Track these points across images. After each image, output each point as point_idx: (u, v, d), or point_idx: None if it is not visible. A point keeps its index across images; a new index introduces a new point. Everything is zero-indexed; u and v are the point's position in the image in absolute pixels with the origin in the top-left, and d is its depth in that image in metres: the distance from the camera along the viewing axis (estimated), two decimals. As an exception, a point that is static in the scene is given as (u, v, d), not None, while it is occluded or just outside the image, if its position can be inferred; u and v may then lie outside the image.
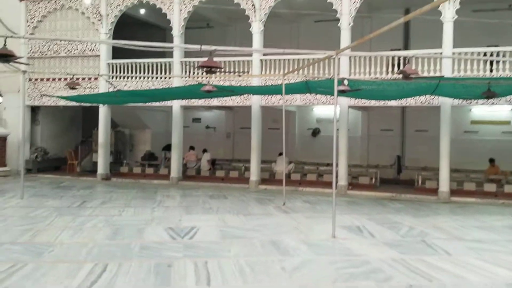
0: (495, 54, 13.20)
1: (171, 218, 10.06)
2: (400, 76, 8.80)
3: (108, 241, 7.83)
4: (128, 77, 16.93)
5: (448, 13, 13.34)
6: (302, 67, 13.27)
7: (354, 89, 11.05)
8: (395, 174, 17.78)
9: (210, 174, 17.31)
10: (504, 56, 13.13)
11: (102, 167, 17.67)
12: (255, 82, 15.59)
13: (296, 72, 13.97)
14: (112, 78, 17.25)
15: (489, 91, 10.45)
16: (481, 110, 17.67)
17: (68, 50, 17.98)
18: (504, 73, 13.05)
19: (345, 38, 14.52)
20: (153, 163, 19.13)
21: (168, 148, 18.16)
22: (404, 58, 13.91)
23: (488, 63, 13.32)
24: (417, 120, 18.59)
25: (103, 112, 17.72)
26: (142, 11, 19.12)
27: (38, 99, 18.31)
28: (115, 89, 15.80)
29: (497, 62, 13.05)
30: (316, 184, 15.59)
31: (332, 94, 10.49)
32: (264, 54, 15.68)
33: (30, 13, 18.40)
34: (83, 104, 17.38)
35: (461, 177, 15.50)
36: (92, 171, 18.15)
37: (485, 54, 13.26)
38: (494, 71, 13.21)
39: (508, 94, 12.37)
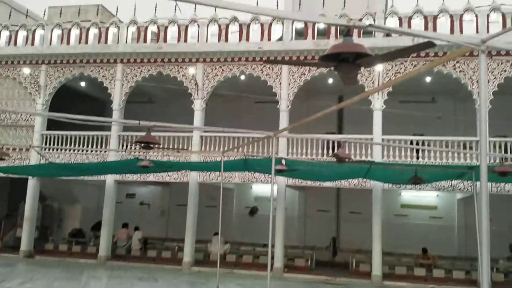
0: (420, 143, 14.15)
1: (94, 302, 9.31)
2: (334, 159, 9.13)
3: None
4: (62, 149, 16.35)
5: (377, 103, 14.33)
6: (242, 146, 13.50)
7: (291, 169, 11.30)
8: (330, 256, 17.78)
9: (142, 254, 16.50)
10: (429, 145, 14.10)
11: (25, 243, 16.41)
12: (194, 158, 15.57)
13: (235, 150, 14.14)
14: (46, 150, 16.57)
15: (416, 177, 11.04)
16: (410, 194, 18.49)
17: (1, 119, 17.25)
18: (430, 160, 13.93)
19: (284, 119, 15.09)
20: (81, 241, 18.00)
21: (98, 227, 17.17)
22: (338, 142, 14.55)
23: (414, 150, 14.21)
24: (352, 202, 19.06)
25: (32, 184, 16.78)
26: (83, 83, 18.96)
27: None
28: (47, 162, 15.13)
29: (423, 150, 13.97)
30: (252, 266, 15.23)
31: (270, 173, 10.63)
32: (205, 131, 15.84)
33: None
34: (11, 175, 16.42)
35: (393, 260, 15.76)
36: (15, 247, 16.79)
37: (411, 143, 14.18)
38: (420, 158, 14.08)
39: (434, 181, 13.13)
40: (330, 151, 14.67)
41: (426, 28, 14.54)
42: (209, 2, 3.87)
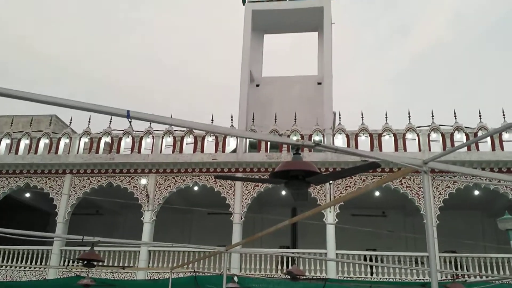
0: (374, 259, 14.08)
1: None
2: (288, 276, 8.80)
3: None
4: (-5, 265, 15.03)
5: (330, 217, 14.41)
6: (192, 261, 12.91)
7: (243, 287, 10.75)
8: None
9: None
10: (382, 261, 14.03)
11: None
12: (140, 275, 14.63)
13: (185, 266, 13.46)
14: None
15: (372, 294, 10.76)
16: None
17: None
18: (384, 277, 13.76)
19: (237, 232, 14.76)
20: None
21: None
22: (292, 257, 14.23)
23: (368, 266, 14.06)
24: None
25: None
26: (27, 194, 18.11)
27: None
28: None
29: (377, 266, 13.84)
30: None
31: (221, 292, 10.05)
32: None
33: None
34: None
35: None
36: None
37: (365, 258, 14.08)
38: (374, 274, 13.89)
39: (389, 298, 12.82)
40: (285, 266, 14.27)
41: (371, 144, 15.30)
42: (163, 120, 3.86)
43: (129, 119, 3.52)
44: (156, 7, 57.45)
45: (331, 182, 14.26)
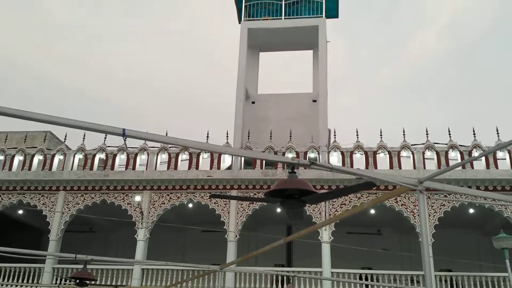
0: (369, 277, 13.97)
1: None
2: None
3: None
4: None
5: (325, 235, 14.33)
6: (186, 280, 12.77)
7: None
8: None
9: None
10: (377, 279, 13.93)
11: None
12: (134, 294, 14.45)
13: (179, 286, 13.31)
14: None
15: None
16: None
17: None
18: (379, 295, 13.63)
19: (231, 250, 14.64)
20: None
21: None
22: (288, 276, 14.10)
23: (364, 286, 13.93)
24: None
25: None
26: (20, 211, 17.94)
27: None
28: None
29: (372, 285, 13.72)
30: None
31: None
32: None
33: None
34: None
35: None
36: None
37: (360, 277, 13.97)
38: (370, 293, 13.76)
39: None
40: (280, 285, 14.14)
41: (367, 162, 15.32)
42: (158, 138, 3.86)
43: (124, 138, 3.52)
44: (151, 16, 57.91)
45: (326, 201, 14.22)
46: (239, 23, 20.73)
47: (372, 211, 16.25)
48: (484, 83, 50.80)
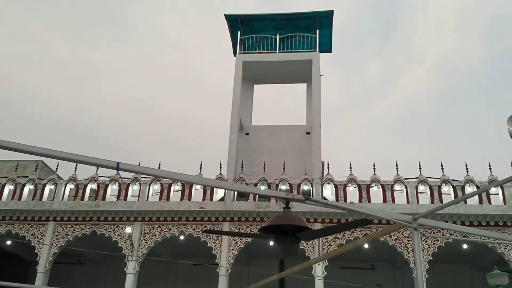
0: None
1: None
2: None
3: None
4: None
5: (318, 269, 14.11)
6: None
7: None
8: None
9: None
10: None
11: None
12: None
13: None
14: None
15: None
16: None
17: None
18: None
19: (223, 285, 14.34)
20: None
21: None
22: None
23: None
24: None
25: None
26: (8, 242, 17.57)
27: None
28: None
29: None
30: None
31: None
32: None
33: None
34: None
35: None
36: None
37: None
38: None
39: None
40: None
41: (360, 195, 15.28)
42: (151, 172, 3.84)
43: (118, 171, 3.49)
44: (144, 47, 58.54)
45: (321, 237, 14.09)
46: (234, 56, 21.02)
47: (366, 246, 16.10)
48: (473, 121, 51.45)
